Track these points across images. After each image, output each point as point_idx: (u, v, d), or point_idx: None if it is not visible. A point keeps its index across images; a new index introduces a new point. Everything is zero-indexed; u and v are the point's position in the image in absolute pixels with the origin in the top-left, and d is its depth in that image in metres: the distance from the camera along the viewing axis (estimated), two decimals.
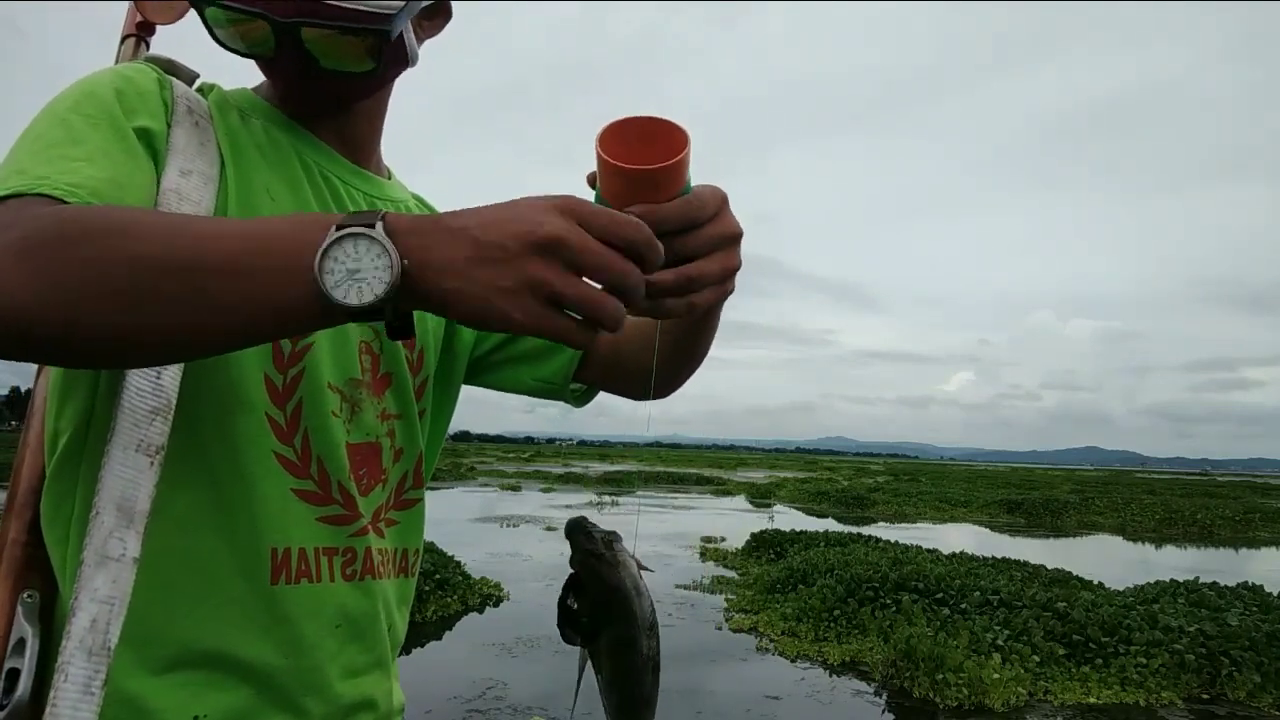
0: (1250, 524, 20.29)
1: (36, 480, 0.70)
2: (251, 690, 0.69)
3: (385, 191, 0.87)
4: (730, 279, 0.61)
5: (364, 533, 0.77)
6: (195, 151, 0.70)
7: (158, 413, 0.63)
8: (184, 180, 0.67)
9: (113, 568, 0.60)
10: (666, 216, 0.56)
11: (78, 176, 0.60)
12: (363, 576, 0.77)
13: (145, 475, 0.62)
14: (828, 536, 10.94)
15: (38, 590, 0.68)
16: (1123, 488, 32.32)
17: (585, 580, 0.67)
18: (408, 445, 0.84)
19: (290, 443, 0.72)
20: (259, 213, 0.72)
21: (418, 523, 0.86)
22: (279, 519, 0.71)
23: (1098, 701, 5.54)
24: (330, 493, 0.74)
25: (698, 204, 0.58)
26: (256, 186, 0.73)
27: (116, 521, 0.60)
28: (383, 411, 0.81)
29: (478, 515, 14.48)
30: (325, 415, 0.74)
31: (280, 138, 0.78)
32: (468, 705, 4.94)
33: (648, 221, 0.53)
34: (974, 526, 18.40)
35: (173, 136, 0.69)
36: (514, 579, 8.71)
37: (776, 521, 15.02)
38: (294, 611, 0.71)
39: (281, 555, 0.71)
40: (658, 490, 26.85)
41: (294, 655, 0.71)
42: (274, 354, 0.71)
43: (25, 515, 0.69)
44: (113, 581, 0.59)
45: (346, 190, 0.81)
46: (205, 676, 0.67)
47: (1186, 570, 10.06)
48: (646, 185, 0.57)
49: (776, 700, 5.34)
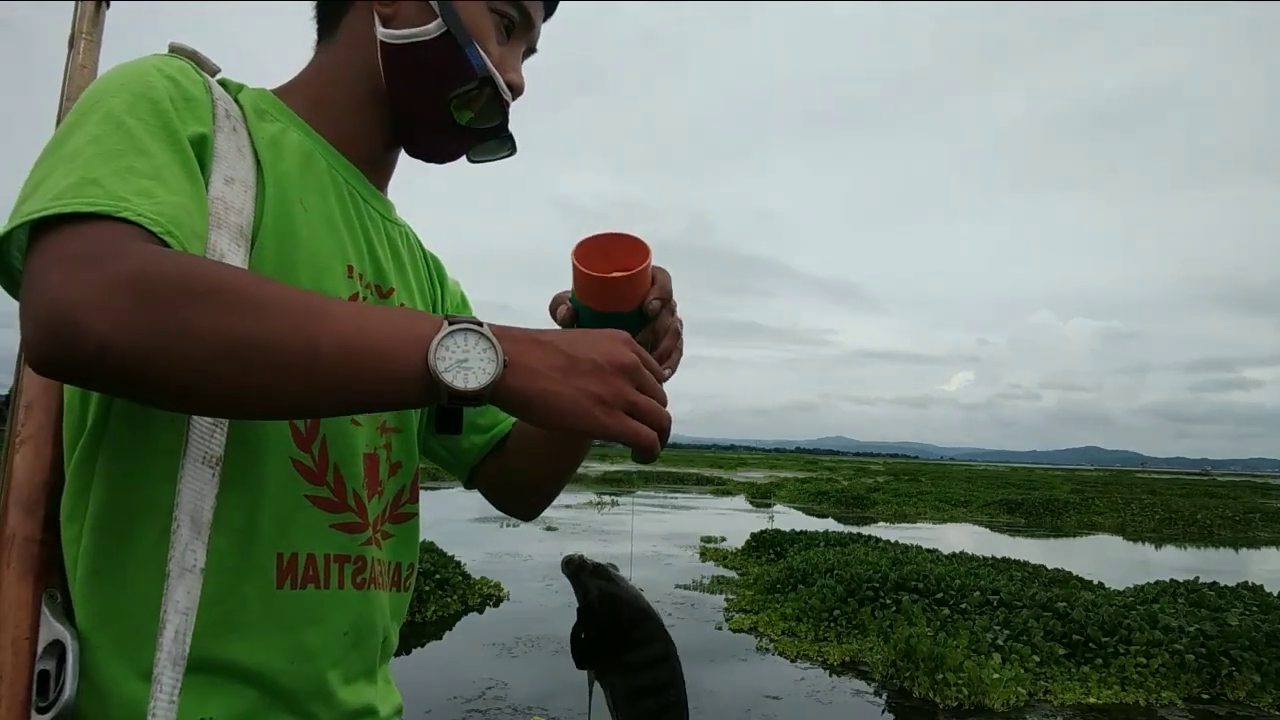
0: (1250, 524, 20.30)
1: (45, 474, 0.69)
2: (257, 694, 0.69)
3: (392, 214, 0.89)
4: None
5: (371, 542, 0.78)
6: (236, 157, 0.70)
7: (218, 425, 0.64)
8: (228, 189, 0.67)
9: (188, 579, 0.61)
10: (666, 327, 0.78)
11: (156, 202, 0.60)
12: (370, 585, 0.77)
13: (209, 486, 0.63)
14: (828, 536, 10.94)
15: (58, 590, 0.67)
16: (1123, 488, 32.33)
17: (602, 611, 0.74)
18: (405, 460, 0.85)
19: (308, 449, 0.72)
20: (293, 223, 0.73)
21: (413, 537, 0.86)
22: (289, 524, 0.71)
23: (1098, 701, 5.54)
24: (345, 500, 0.75)
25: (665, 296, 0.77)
26: (290, 196, 0.74)
27: (191, 533, 0.61)
28: (383, 424, 0.82)
29: (478, 515, 14.48)
30: (344, 422, 0.75)
31: (311, 148, 0.78)
32: (468, 705, 4.94)
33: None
34: (974, 526, 18.40)
35: (216, 142, 0.69)
36: (514, 579, 8.71)
37: (776, 521, 15.00)
38: (299, 617, 0.71)
39: (288, 560, 0.70)
40: (658, 490, 26.85)
41: (299, 661, 0.71)
42: None
43: (38, 512, 0.68)
44: (188, 592, 0.60)
45: (366, 209, 0.83)
46: (212, 680, 0.66)
47: (1186, 570, 10.07)
48: (618, 289, 0.72)
49: (776, 700, 5.34)
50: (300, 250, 0.73)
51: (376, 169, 0.86)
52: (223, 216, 0.66)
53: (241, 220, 0.67)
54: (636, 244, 0.74)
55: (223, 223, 0.66)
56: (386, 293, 0.83)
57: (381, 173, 0.87)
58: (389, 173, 0.88)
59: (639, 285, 0.73)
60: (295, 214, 0.73)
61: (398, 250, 0.88)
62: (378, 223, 0.84)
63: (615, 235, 0.75)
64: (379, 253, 0.83)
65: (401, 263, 0.88)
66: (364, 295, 0.79)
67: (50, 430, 0.71)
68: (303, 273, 0.72)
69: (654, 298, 0.75)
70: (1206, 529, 19.57)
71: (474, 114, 0.81)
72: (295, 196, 0.74)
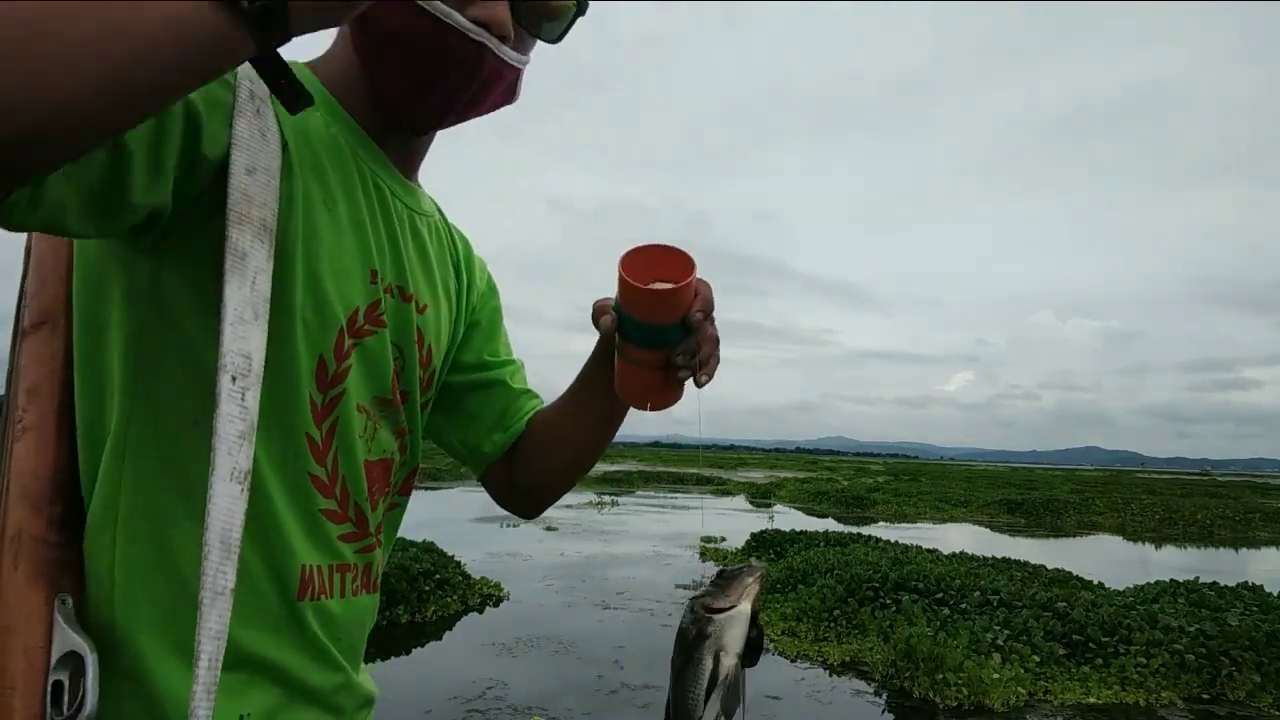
0: (1250, 524, 20.31)
1: (51, 471, 0.67)
2: (284, 689, 0.72)
3: (422, 205, 0.87)
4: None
5: (372, 549, 0.80)
6: (259, 144, 0.65)
7: (245, 436, 0.61)
8: (250, 179, 0.63)
9: (221, 603, 0.59)
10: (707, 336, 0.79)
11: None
12: (365, 590, 0.81)
13: (238, 503, 0.60)
14: (828, 536, 10.94)
15: (70, 594, 0.65)
16: (1123, 488, 32.34)
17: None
18: (410, 459, 0.87)
19: (323, 463, 0.73)
20: (316, 226, 0.71)
21: (397, 525, 0.89)
22: (308, 538, 0.72)
23: (1098, 701, 5.54)
24: (348, 511, 0.76)
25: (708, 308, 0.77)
26: (314, 195, 0.71)
27: (221, 555, 0.59)
28: (400, 428, 0.83)
29: (478, 515, 14.47)
30: (354, 436, 0.76)
31: (340, 138, 0.76)
32: (468, 705, 4.93)
33: None
34: (974, 526, 18.40)
35: (236, 127, 0.63)
36: (514, 579, 8.71)
37: (776, 521, 15.01)
38: (316, 624, 0.74)
39: (310, 572, 0.73)
40: (658, 490, 26.84)
41: (318, 659, 0.75)
42: (318, 374, 0.72)
43: (47, 511, 0.65)
44: (220, 616, 0.59)
45: (393, 202, 0.80)
46: (246, 678, 0.69)
47: (1186, 570, 10.07)
48: (664, 301, 0.74)
49: (776, 700, 5.34)
50: (323, 257, 0.71)
51: (404, 154, 0.82)
52: (244, 211, 0.62)
53: (265, 214, 0.64)
54: (682, 258, 0.76)
55: (244, 218, 0.62)
56: (409, 297, 0.81)
57: (409, 159, 0.84)
58: (417, 159, 0.85)
59: (684, 298, 0.74)
60: (319, 215, 0.71)
61: (424, 247, 0.85)
62: (404, 219, 0.82)
63: (662, 247, 0.77)
64: (403, 253, 0.81)
65: (428, 261, 0.86)
66: (385, 301, 0.78)
67: (55, 421, 0.67)
68: (326, 279, 0.71)
69: (697, 309, 0.75)
70: (1206, 529, 19.58)
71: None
72: (318, 195, 0.72)
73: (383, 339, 0.78)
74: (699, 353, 0.78)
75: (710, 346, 0.79)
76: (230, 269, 0.61)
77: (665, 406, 0.82)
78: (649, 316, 0.75)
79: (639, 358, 0.79)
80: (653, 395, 0.82)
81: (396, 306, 0.79)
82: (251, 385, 0.62)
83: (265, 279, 0.63)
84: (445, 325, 0.89)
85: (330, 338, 0.72)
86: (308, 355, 0.71)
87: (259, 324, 0.62)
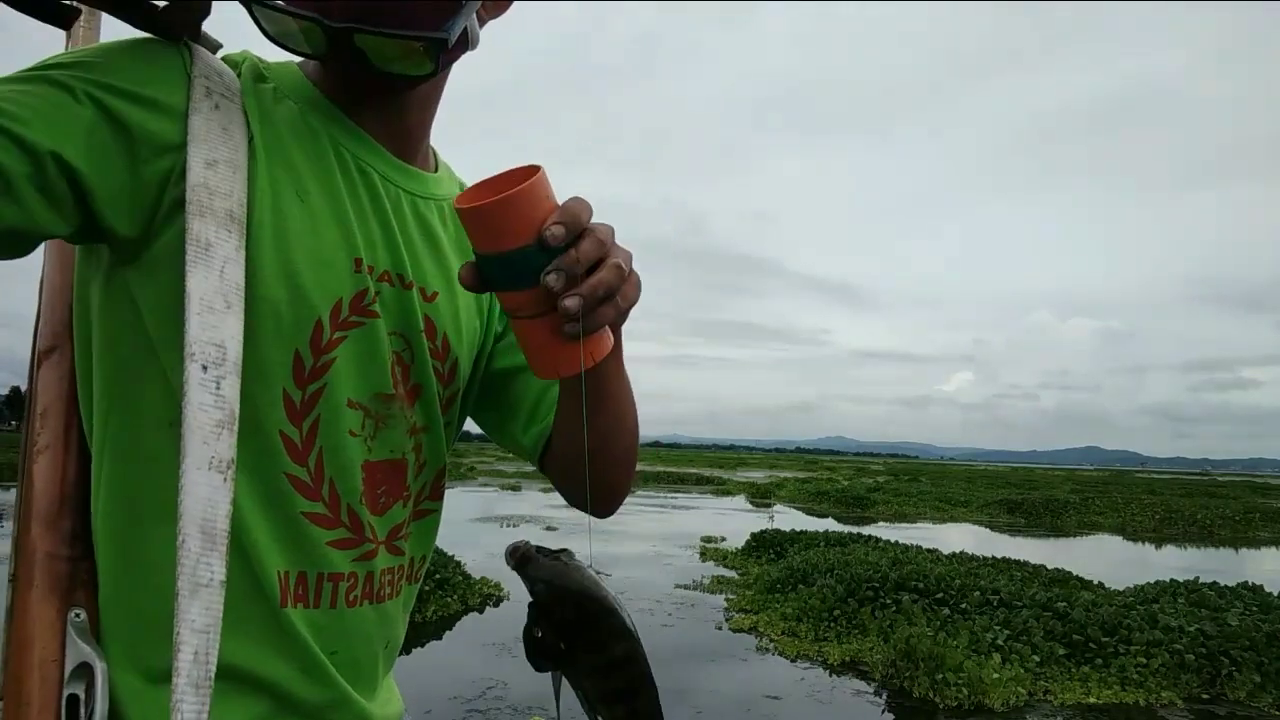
0: (1250, 524, 20.31)
1: (64, 485, 0.67)
2: (271, 701, 0.69)
3: (429, 188, 0.80)
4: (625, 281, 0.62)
5: (371, 555, 0.75)
6: (218, 138, 0.63)
7: (223, 425, 0.59)
8: (210, 172, 0.62)
9: (204, 595, 0.57)
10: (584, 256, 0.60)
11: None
12: (367, 600, 0.75)
13: (221, 493, 0.59)
14: (828, 536, 10.94)
15: (83, 608, 0.65)
16: (1123, 488, 32.34)
17: (557, 604, 0.66)
18: (431, 458, 0.81)
19: (304, 463, 0.69)
20: (287, 218, 0.68)
21: (430, 531, 0.84)
22: (284, 543, 0.69)
23: (1098, 701, 5.55)
24: (339, 516, 0.72)
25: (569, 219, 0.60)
26: (284, 186, 0.68)
27: (202, 546, 0.57)
28: (412, 426, 0.77)
29: (478, 515, 14.47)
30: (342, 434, 0.71)
31: (316, 124, 0.72)
32: (468, 705, 4.94)
33: None
34: (974, 526, 18.40)
35: (191, 124, 0.62)
36: (514, 579, 8.59)
37: (776, 521, 15.00)
38: (304, 634, 0.70)
39: (295, 579, 0.70)
40: (657, 490, 26.84)
41: (307, 672, 0.71)
42: (294, 369, 0.68)
43: (61, 525, 0.66)
44: (206, 609, 0.57)
45: (385, 186, 0.75)
46: (229, 687, 0.66)
47: (1186, 570, 10.07)
48: (499, 218, 0.59)
49: (776, 700, 5.34)
50: (296, 247, 0.68)
51: (389, 133, 0.76)
52: (206, 203, 0.61)
53: (230, 204, 0.62)
54: (529, 170, 0.63)
55: (207, 209, 0.61)
56: (409, 284, 0.76)
57: (400, 139, 0.77)
58: (412, 140, 0.78)
59: (527, 211, 0.59)
60: (290, 206, 0.68)
61: (431, 231, 0.80)
62: (399, 202, 0.76)
63: (508, 172, 0.64)
64: (398, 238, 0.75)
65: (437, 245, 0.80)
66: (375, 289, 0.72)
67: (66, 439, 0.68)
68: (302, 271, 0.68)
69: (555, 220, 0.59)
70: (1206, 529, 19.58)
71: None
72: (290, 185, 0.68)
73: (375, 330, 0.72)
74: (565, 271, 0.59)
75: (607, 272, 0.61)
76: (193, 260, 0.60)
77: (573, 370, 0.64)
78: (494, 244, 0.60)
79: (512, 304, 0.63)
80: (548, 354, 0.64)
81: (395, 294, 0.74)
82: (228, 374, 0.60)
83: (235, 268, 0.62)
84: (467, 311, 0.82)
85: (306, 332, 0.68)
86: (280, 350, 0.67)
87: (232, 313, 0.61)
